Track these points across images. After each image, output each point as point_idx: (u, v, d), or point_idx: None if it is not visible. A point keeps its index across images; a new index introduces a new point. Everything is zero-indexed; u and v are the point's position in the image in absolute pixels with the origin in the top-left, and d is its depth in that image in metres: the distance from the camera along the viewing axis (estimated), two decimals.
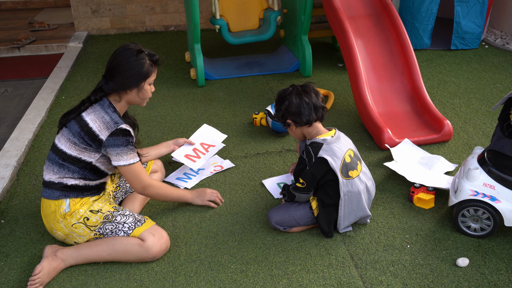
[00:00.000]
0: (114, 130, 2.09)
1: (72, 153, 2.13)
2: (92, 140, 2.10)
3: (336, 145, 2.22)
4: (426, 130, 3.20)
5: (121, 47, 2.19)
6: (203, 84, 4.15)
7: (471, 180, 2.23)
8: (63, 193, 2.15)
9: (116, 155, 2.12)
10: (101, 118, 2.11)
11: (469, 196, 2.23)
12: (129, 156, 2.14)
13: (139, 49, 2.17)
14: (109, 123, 2.10)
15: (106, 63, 2.21)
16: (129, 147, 2.14)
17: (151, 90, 2.26)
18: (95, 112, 2.14)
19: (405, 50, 3.52)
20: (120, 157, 2.13)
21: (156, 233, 2.18)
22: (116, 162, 2.14)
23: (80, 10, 5.72)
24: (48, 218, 2.18)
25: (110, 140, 2.09)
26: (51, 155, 2.19)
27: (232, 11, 4.39)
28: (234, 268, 2.15)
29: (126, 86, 2.16)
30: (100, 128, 2.09)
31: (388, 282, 2.06)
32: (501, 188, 2.18)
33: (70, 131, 2.14)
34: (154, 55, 2.22)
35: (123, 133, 2.11)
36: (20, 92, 4.25)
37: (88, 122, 2.11)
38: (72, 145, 2.12)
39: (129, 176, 2.19)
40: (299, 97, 2.26)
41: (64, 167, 2.15)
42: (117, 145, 2.11)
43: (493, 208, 2.20)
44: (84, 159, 2.14)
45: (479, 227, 2.27)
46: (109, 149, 2.11)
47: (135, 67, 2.15)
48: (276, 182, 2.77)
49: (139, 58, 2.15)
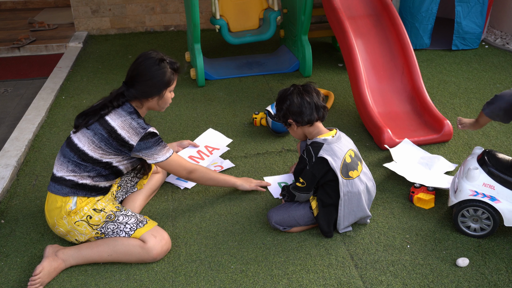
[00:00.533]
0: (143, 134, 2.16)
1: (94, 155, 2.15)
2: (121, 146, 2.15)
3: (336, 145, 2.22)
4: (426, 130, 3.20)
5: (142, 56, 2.23)
6: (203, 84, 4.15)
7: (471, 180, 2.23)
8: (72, 191, 2.15)
9: (151, 155, 2.21)
10: (129, 124, 2.16)
11: (469, 196, 2.22)
12: (163, 151, 2.23)
13: (161, 58, 2.21)
14: (137, 128, 2.16)
15: (128, 70, 2.25)
16: (160, 144, 2.22)
17: (171, 97, 2.33)
18: (121, 118, 2.17)
19: (405, 50, 3.52)
20: (156, 156, 2.22)
21: (157, 234, 2.18)
22: (153, 160, 2.22)
23: (80, 10, 5.72)
24: (52, 213, 2.18)
25: (141, 145, 2.17)
26: (68, 153, 2.19)
27: (232, 11, 4.39)
28: (234, 268, 2.15)
29: (148, 94, 2.22)
30: (130, 135, 2.15)
31: (388, 282, 2.06)
32: (500, 188, 2.18)
33: (95, 134, 2.16)
34: (175, 63, 2.27)
35: (152, 135, 2.19)
36: (20, 92, 4.25)
37: (116, 128, 2.15)
38: (96, 148, 2.15)
39: (172, 168, 2.29)
40: (300, 97, 2.26)
41: (81, 167, 2.16)
42: (149, 147, 2.19)
43: (493, 208, 2.20)
44: (106, 161, 2.17)
45: (479, 227, 2.27)
46: (142, 152, 2.19)
47: (157, 76, 2.20)
48: (278, 181, 2.77)
49: (161, 67, 2.20)
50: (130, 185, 2.53)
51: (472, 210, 2.24)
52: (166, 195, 2.69)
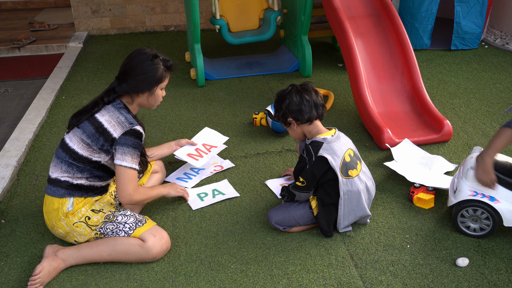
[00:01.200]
0: (128, 129, 2.12)
1: (84, 153, 2.15)
2: (105, 140, 2.13)
3: (336, 144, 2.22)
4: (426, 130, 3.20)
5: (136, 51, 2.23)
6: (203, 84, 4.16)
7: (470, 180, 2.23)
8: (68, 192, 2.16)
9: (121, 153, 2.13)
10: (116, 119, 2.15)
11: (468, 196, 2.22)
12: (133, 159, 2.15)
13: (154, 54, 2.21)
14: (124, 123, 2.14)
15: (121, 65, 2.24)
16: (136, 150, 2.16)
17: (162, 95, 2.31)
18: (109, 113, 2.17)
19: (405, 50, 3.52)
20: (125, 157, 2.14)
21: (157, 233, 2.18)
22: (119, 161, 2.14)
23: (80, 10, 5.73)
24: (50, 215, 2.18)
25: (122, 139, 2.12)
26: (60, 154, 2.19)
27: (232, 11, 4.39)
28: (234, 268, 2.15)
29: (138, 89, 2.21)
30: (115, 128, 2.13)
31: (388, 282, 2.06)
32: (500, 188, 2.18)
33: (83, 132, 2.16)
34: (168, 61, 2.27)
35: (136, 134, 2.14)
36: (20, 92, 4.26)
37: (103, 123, 2.14)
38: (84, 146, 2.14)
39: (124, 179, 2.15)
40: (299, 95, 2.27)
41: (73, 166, 2.16)
42: (127, 144, 2.13)
43: (492, 209, 2.20)
44: (95, 160, 2.16)
45: (478, 227, 2.27)
46: (118, 146, 2.13)
47: (149, 72, 2.19)
48: (279, 183, 2.76)
49: (154, 63, 2.20)
50: None
51: (472, 210, 2.25)
52: None
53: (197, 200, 2.62)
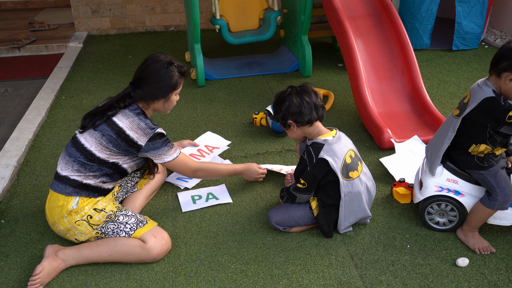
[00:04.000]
0: (152, 135, 2.19)
1: (101, 155, 2.17)
2: (130, 147, 2.18)
3: (337, 146, 2.22)
4: (426, 130, 3.20)
5: (151, 58, 2.25)
6: (203, 84, 4.16)
7: (435, 176, 2.27)
8: (76, 191, 2.16)
9: (158, 155, 2.24)
10: (137, 125, 2.19)
11: (435, 192, 2.27)
12: (170, 152, 2.27)
13: (169, 61, 2.25)
14: (145, 129, 2.19)
15: (135, 72, 2.28)
16: (168, 145, 2.26)
17: (176, 99, 2.36)
18: (128, 119, 2.19)
19: (405, 50, 3.52)
20: (164, 156, 2.25)
21: (157, 234, 2.18)
22: (160, 160, 2.26)
23: (80, 10, 5.73)
24: (53, 211, 2.18)
25: (150, 145, 2.20)
26: (73, 153, 2.19)
27: (232, 11, 4.39)
28: (234, 268, 2.15)
29: (154, 96, 2.26)
30: (138, 135, 2.18)
31: (388, 282, 2.06)
32: (463, 182, 2.23)
33: (103, 135, 2.17)
34: (183, 67, 2.31)
35: (160, 136, 2.22)
36: (20, 92, 4.26)
37: (125, 129, 2.17)
38: (104, 149, 2.16)
39: (177, 168, 2.33)
40: (299, 97, 2.25)
41: (87, 166, 2.17)
42: (157, 148, 2.22)
43: (458, 202, 2.26)
44: (113, 161, 2.19)
45: (446, 221, 2.32)
46: (150, 152, 2.22)
47: (165, 79, 2.23)
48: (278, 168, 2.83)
49: (169, 70, 2.23)
50: (131, 185, 2.54)
51: (436, 205, 2.30)
52: (166, 195, 2.69)
53: (190, 202, 2.61)
